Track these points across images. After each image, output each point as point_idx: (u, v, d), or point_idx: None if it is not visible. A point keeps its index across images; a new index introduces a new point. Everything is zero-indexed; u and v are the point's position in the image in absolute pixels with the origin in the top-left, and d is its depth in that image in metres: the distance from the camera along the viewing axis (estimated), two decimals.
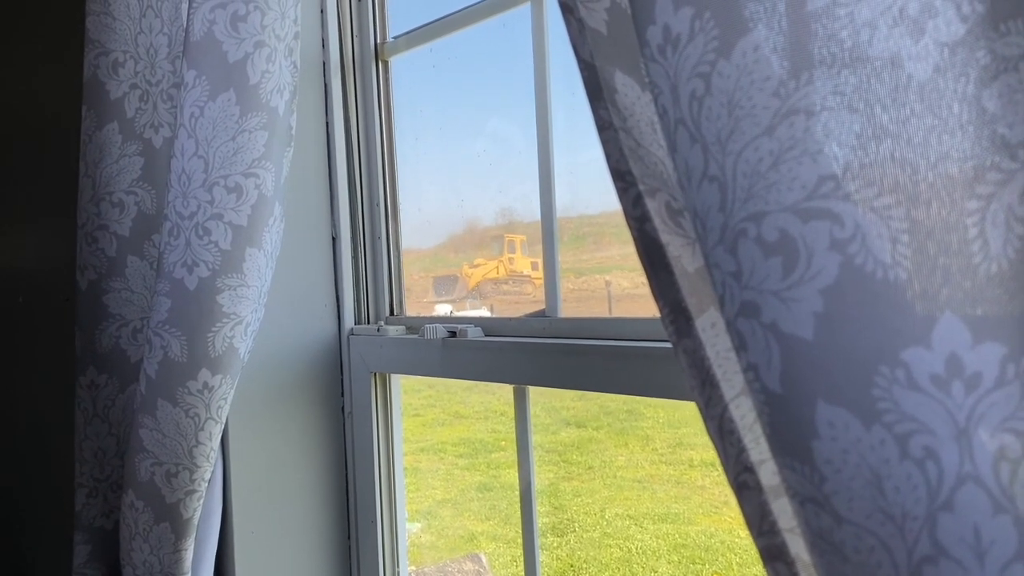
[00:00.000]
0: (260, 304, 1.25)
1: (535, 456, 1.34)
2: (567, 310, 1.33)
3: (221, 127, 1.14)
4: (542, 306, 1.33)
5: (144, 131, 1.33)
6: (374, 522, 1.52)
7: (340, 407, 1.57)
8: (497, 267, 2.87)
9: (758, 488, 0.62)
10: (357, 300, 1.59)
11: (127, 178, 1.33)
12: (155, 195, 1.34)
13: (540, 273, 1.35)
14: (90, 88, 1.33)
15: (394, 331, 1.49)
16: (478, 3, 1.40)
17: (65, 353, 1.40)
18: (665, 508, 4.17)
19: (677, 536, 3.93)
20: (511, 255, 2.88)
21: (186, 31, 1.14)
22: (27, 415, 2.02)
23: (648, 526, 4.06)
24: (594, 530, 4.09)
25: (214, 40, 1.13)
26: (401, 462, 1.56)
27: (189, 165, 1.15)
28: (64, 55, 1.66)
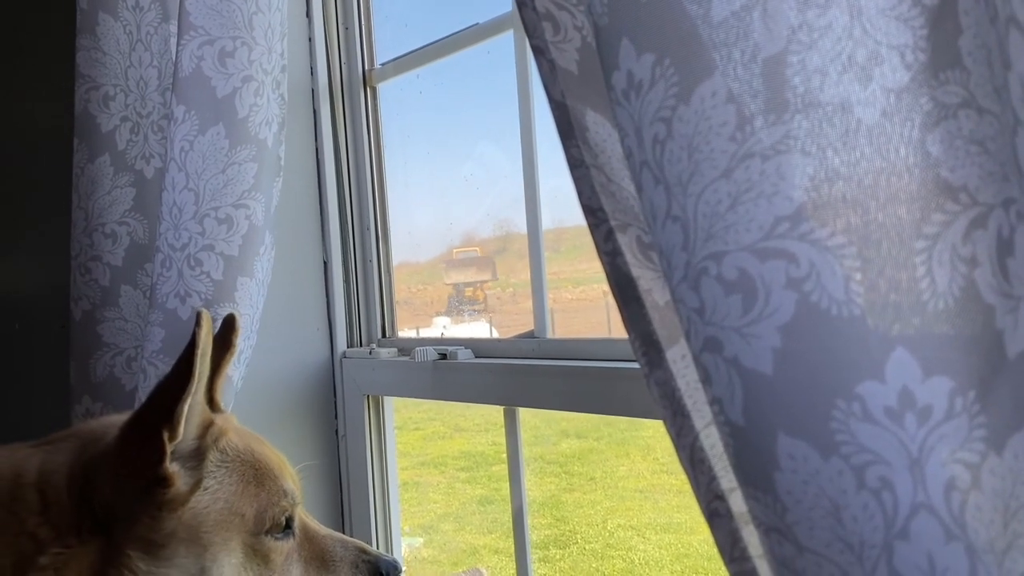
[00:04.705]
0: (252, 331, 1.27)
1: (536, 468, 1.36)
2: (567, 320, 1.34)
3: (211, 160, 1.16)
4: (490, 318, 1.35)
5: (135, 162, 1.36)
6: (369, 543, 1.54)
7: (334, 430, 1.58)
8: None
9: (729, 515, 0.64)
10: (349, 323, 1.61)
11: (119, 209, 1.35)
12: (147, 225, 1.36)
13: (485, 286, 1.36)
14: (81, 122, 1.35)
15: (386, 353, 1.51)
16: (462, 30, 1.42)
17: (61, 381, 1.42)
18: (667, 518, 4.15)
19: (679, 546, 3.92)
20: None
21: (175, 67, 1.17)
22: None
23: (650, 536, 4.05)
24: (596, 541, 4.09)
25: (202, 76, 1.15)
26: (395, 483, 1.58)
27: (180, 198, 1.17)
28: (57, 89, 1.69)
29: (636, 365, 1.10)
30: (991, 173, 0.48)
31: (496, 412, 1.35)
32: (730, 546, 0.64)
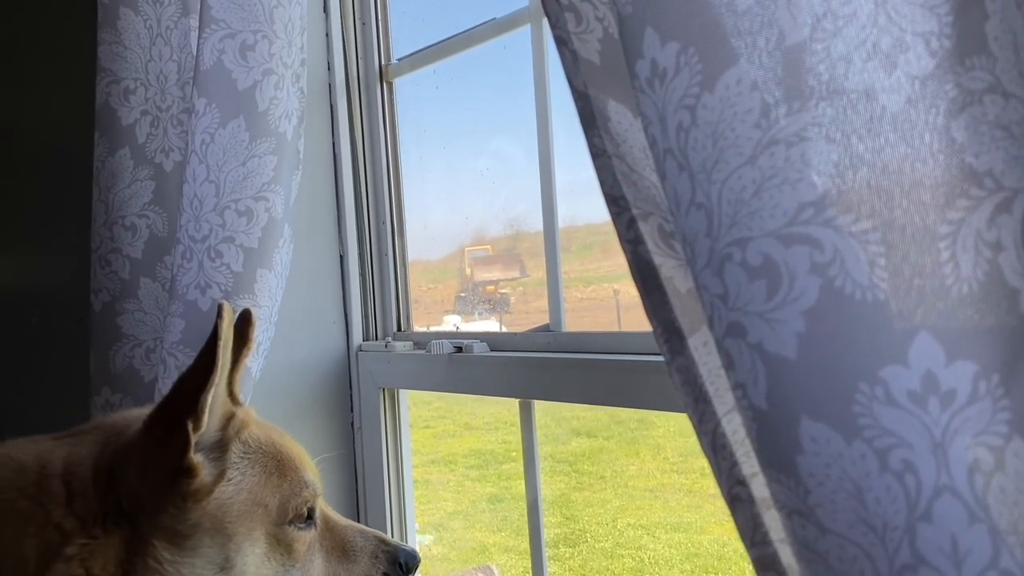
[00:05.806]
0: (271, 323, 1.28)
1: (546, 467, 1.37)
2: (576, 320, 1.35)
3: (231, 153, 1.18)
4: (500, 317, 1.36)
5: (155, 156, 1.37)
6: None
7: (350, 422, 1.60)
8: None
9: (750, 500, 0.65)
10: (365, 317, 1.62)
11: (139, 202, 1.37)
12: (166, 218, 1.37)
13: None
14: (102, 115, 1.37)
15: (401, 347, 1.52)
16: (479, 25, 1.43)
17: (78, 373, 1.43)
18: (677, 517, 4.15)
19: (689, 545, 3.92)
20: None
21: (196, 60, 1.18)
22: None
23: (660, 535, 4.04)
24: (606, 540, 4.08)
25: (224, 69, 1.16)
26: (410, 475, 1.59)
27: (201, 190, 1.18)
28: (77, 83, 1.70)
29: (650, 358, 1.11)
30: (1016, 158, 0.49)
31: (506, 410, 1.36)
32: (751, 531, 0.65)
